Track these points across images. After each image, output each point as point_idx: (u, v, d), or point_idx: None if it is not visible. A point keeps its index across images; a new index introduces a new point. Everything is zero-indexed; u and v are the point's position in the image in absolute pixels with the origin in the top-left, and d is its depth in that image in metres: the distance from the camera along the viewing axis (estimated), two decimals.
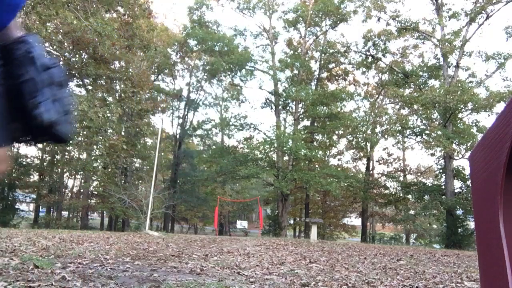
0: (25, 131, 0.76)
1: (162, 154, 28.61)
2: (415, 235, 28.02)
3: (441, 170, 19.23)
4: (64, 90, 0.80)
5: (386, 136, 22.54)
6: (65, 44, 14.59)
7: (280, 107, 22.43)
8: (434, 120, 19.20)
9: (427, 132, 18.88)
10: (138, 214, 17.49)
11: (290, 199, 22.62)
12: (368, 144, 23.58)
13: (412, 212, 21.51)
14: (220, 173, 21.06)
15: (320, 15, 20.90)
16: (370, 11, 19.69)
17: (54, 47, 14.62)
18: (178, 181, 28.05)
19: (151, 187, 12.74)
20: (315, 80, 23.55)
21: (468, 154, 9.34)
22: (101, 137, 15.09)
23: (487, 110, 16.83)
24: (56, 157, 22.34)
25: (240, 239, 9.28)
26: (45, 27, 13.86)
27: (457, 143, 17.18)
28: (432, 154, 19.27)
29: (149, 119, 22.46)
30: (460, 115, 18.14)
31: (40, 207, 24.20)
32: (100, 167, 18.72)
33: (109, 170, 18.98)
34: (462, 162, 28.87)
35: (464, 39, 18.09)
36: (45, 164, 22.54)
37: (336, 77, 25.47)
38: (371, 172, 25.77)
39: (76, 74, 15.74)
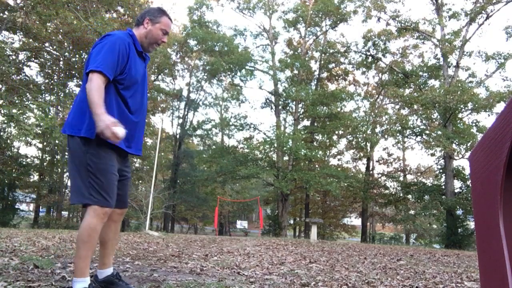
0: None
1: (162, 154, 28.60)
2: (415, 235, 28.03)
3: (441, 170, 19.23)
4: None
5: (386, 136, 22.53)
6: (65, 44, 14.57)
7: (280, 107, 22.43)
8: (434, 120, 19.19)
9: (427, 132, 18.87)
10: (138, 214, 17.49)
11: (290, 199, 22.62)
12: (368, 144, 23.58)
13: (412, 212, 21.51)
14: (220, 173, 21.06)
15: (320, 15, 20.90)
16: (370, 11, 19.69)
17: (54, 47, 14.61)
18: (178, 181, 28.04)
19: (151, 187, 12.74)
20: (315, 80, 23.54)
21: (468, 154, 9.34)
22: None
23: (487, 110, 16.83)
24: (56, 157, 22.34)
25: (240, 239, 9.28)
26: (45, 27, 13.85)
27: (457, 143, 17.17)
28: (432, 154, 19.27)
29: (149, 119, 22.45)
30: (460, 115, 18.13)
31: (40, 207, 24.19)
32: None
33: None
34: (462, 162, 28.97)
35: (464, 39, 18.09)
36: (45, 164, 22.52)
37: (336, 77, 25.47)
38: (371, 172, 25.77)
39: (76, 74, 15.72)
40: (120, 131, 1.86)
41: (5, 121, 13.22)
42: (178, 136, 28.77)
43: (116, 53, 1.97)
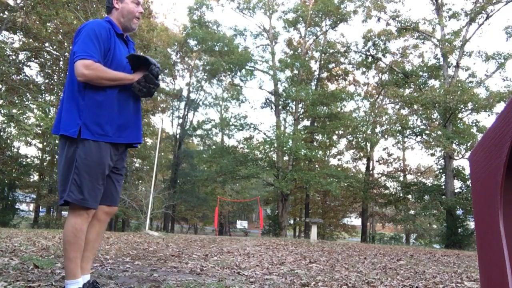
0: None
1: (162, 154, 28.59)
2: (415, 235, 28.02)
3: (441, 170, 19.22)
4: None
5: (386, 136, 22.53)
6: (65, 44, 14.58)
7: (280, 107, 22.43)
8: (434, 120, 19.19)
9: (427, 132, 18.87)
10: (138, 214, 17.49)
11: (290, 199, 22.61)
12: (368, 144, 23.57)
13: (412, 212, 21.50)
14: (220, 173, 21.05)
15: (320, 15, 20.89)
16: (370, 11, 19.68)
17: (54, 47, 14.61)
18: (178, 181, 28.04)
19: (151, 187, 12.74)
20: (315, 80, 23.54)
21: (468, 154, 9.34)
22: None
23: (487, 110, 16.82)
24: (56, 157, 22.31)
25: (240, 239, 9.28)
26: (45, 27, 13.85)
27: (457, 143, 17.17)
28: (432, 154, 19.27)
29: (149, 119, 22.45)
30: (460, 115, 18.13)
31: (40, 207, 24.19)
32: None
33: None
34: (462, 162, 28.94)
35: (464, 39, 18.09)
36: (45, 164, 22.51)
37: (336, 77, 25.46)
38: (371, 172, 25.76)
39: None
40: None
41: (5, 121, 13.22)
42: (178, 136, 28.78)
43: (95, 37, 1.95)
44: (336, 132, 23.06)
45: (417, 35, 20.12)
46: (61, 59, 15.04)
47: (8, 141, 17.64)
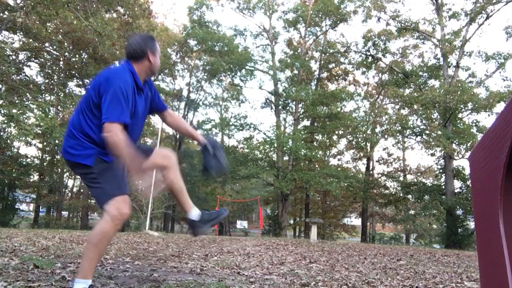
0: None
1: None
2: (415, 235, 28.03)
3: (441, 170, 19.23)
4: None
5: (386, 136, 22.53)
6: (65, 44, 14.58)
7: (280, 107, 22.43)
8: (434, 120, 19.20)
9: (427, 132, 18.88)
10: (138, 214, 17.49)
11: (290, 199, 22.62)
12: (368, 144, 23.58)
13: (412, 212, 21.51)
14: None
15: (320, 15, 20.91)
16: (370, 11, 19.70)
17: (54, 47, 14.61)
18: None
19: (151, 187, 12.71)
20: (315, 80, 23.55)
21: (468, 154, 9.33)
22: None
23: (487, 110, 16.83)
24: (56, 157, 22.33)
25: (240, 239, 9.28)
26: (45, 27, 13.85)
27: (457, 143, 17.18)
28: (432, 154, 19.28)
29: (149, 119, 22.45)
30: (460, 115, 18.14)
31: (40, 207, 24.19)
32: None
33: None
34: (462, 162, 28.87)
35: (464, 39, 18.09)
36: (45, 164, 22.52)
37: (336, 77, 25.47)
38: (371, 172, 25.76)
39: (76, 74, 15.72)
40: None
41: (5, 121, 13.22)
42: (178, 136, 28.77)
43: (123, 97, 1.96)
44: (336, 132, 23.08)
45: (417, 35, 20.14)
46: (61, 59, 15.04)
47: (8, 141, 17.65)
